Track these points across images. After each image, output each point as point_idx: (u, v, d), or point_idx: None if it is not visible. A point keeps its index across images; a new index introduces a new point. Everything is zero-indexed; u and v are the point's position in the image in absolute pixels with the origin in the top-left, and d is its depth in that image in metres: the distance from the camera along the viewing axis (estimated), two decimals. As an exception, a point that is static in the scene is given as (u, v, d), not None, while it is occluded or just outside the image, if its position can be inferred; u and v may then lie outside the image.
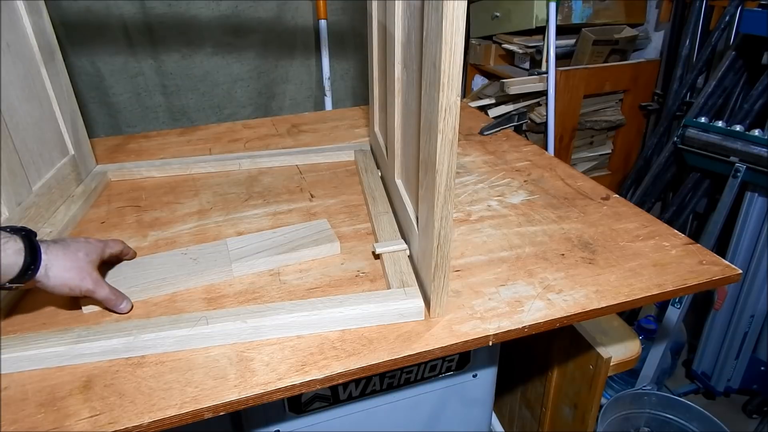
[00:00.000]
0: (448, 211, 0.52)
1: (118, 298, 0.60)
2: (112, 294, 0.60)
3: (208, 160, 1.01)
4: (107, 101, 1.55)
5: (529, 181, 0.91)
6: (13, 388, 0.51)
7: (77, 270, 0.56)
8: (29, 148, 0.77)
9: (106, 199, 0.90)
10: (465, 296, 0.62)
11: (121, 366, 0.54)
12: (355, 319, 0.58)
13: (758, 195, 1.28)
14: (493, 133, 1.14)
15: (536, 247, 0.72)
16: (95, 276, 0.58)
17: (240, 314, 0.57)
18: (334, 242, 0.72)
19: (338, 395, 0.70)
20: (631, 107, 1.86)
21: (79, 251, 0.57)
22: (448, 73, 0.45)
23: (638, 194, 1.65)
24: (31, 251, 0.52)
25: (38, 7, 0.82)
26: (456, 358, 0.74)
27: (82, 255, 0.57)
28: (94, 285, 0.57)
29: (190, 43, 1.56)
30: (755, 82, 1.37)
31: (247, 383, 0.51)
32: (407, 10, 0.61)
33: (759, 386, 1.45)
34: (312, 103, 1.81)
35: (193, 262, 0.68)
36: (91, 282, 0.57)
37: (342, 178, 0.96)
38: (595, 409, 0.85)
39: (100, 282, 0.58)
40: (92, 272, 0.58)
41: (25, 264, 0.51)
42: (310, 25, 1.68)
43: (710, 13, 1.57)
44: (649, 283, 0.64)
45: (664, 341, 1.37)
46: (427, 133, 0.52)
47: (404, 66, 0.67)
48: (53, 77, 0.85)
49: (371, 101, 0.98)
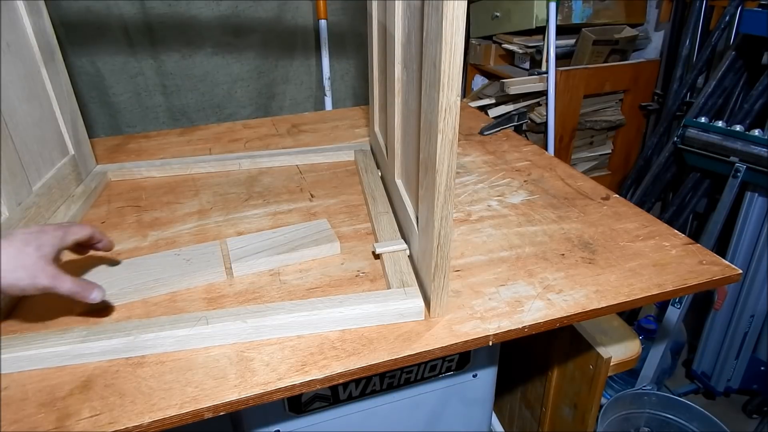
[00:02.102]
0: (448, 211, 0.52)
1: (85, 289, 0.54)
2: (76, 286, 0.53)
3: (208, 160, 1.01)
4: (107, 101, 1.55)
5: (529, 181, 0.91)
6: (13, 388, 0.51)
7: (26, 268, 0.49)
8: (29, 148, 0.77)
9: (106, 199, 0.90)
10: (465, 296, 0.62)
11: (121, 366, 0.54)
12: (355, 319, 0.58)
13: (758, 195, 1.28)
14: (493, 133, 1.14)
15: (536, 247, 0.72)
16: (51, 270, 0.51)
17: (240, 314, 0.57)
18: (334, 242, 0.72)
19: (338, 395, 0.70)
20: (631, 107, 1.86)
21: (27, 245, 0.50)
22: (448, 73, 0.45)
23: (638, 194, 1.65)
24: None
25: (38, 7, 0.82)
26: (456, 358, 0.74)
27: (32, 249, 0.50)
28: (51, 280, 0.51)
29: (190, 43, 1.56)
30: (755, 82, 1.37)
31: (247, 383, 0.51)
32: (407, 10, 0.61)
33: (759, 386, 1.45)
34: (312, 103, 1.81)
35: (187, 263, 0.68)
36: (47, 277, 0.51)
37: (342, 178, 0.96)
38: (595, 409, 0.85)
39: (58, 276, 0.52)
40: (46, 266, 0.51)
41: None
42: (310, 25, 1.68)
43: (710, 13, 1.57)
44: (649, 283, 0.64)
45: (664, 341, 1.37)
46: (427, 133, 0.52)
47: (404, 66, 0.67)
48: (53, 77, 0.85)
49: (371, 101, 0.98)
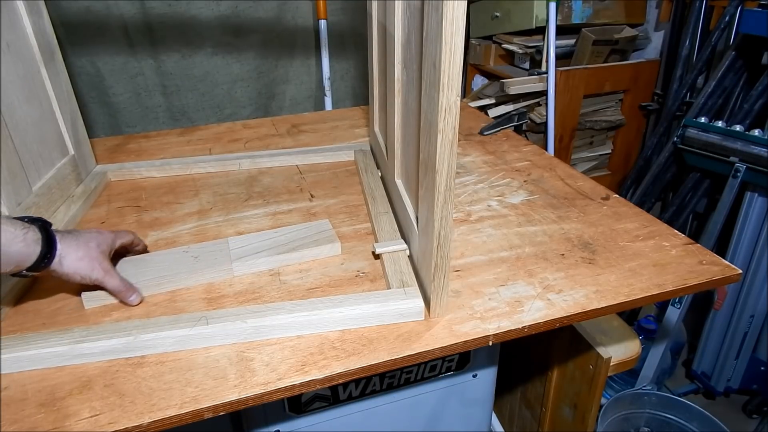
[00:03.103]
0: (448, 211, 0.52)
1: (128, 290, 0.61)
2: (122, 285, 0.61)
3: (208, 160, 1.01)
4: (107, 101, 1.55)
5: (529, 181, 0.91)
6: (13, 388, 0.51)
7: (89, 259, 0.58)
8: (29, 148, 0.77)
9: (106, 199, 0.90)
10: (465, 296, 0.62)
11: (121, 366, 0.54)
12: (355, 319, 0.58)
13: (758, 195, 1.28)
14: (493, 133, 1.14)
15: (536, 247, 0.72)
16: (106, 266, 0.60)
17: (240, 314, 0.57)
18: (334, 243, 0.72)
19: (338, 395, 0.70)
20: (631, 107, 1.86)
21: (90, 241, 0.59)
22: (448, 73, 0.45)
23: (638, 194, 1.65)
24: (48, 241, 0.54)
25: (38, 7, 0.82)
26: (456, 358, 0.74)
27: (94, 245, 0.59)
28: (104, 274, 0.59)
29: (190, 43, 1.56)
30: (755, 82, 1.37)
31: (247, 383, 0.51)
32: (407, 10, 0.61)
33: (759, 386, 1.45)
34: (312, 103, 1.81)
35: (194, 260, 0.68)
36: (102, 272, 0.59)
37: (342, 178, 0.96)
38: (595, 409, 0.85)
39: (110, 272, 0.60)
40: (103, 262, 0.60)
41: (41, 253, 0.53)
42: (310, 25, 1.68)
43: (710, 13, 1.57)
44: (649, 283, 0.64)
45: (664, 341, 1.37)
46: (427, 133, 0.52)
47: (404, 66, 0.67)
48: (53, 77, 0.85)
49: (371, 101, 0.98)
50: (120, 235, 0.65)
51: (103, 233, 0.62)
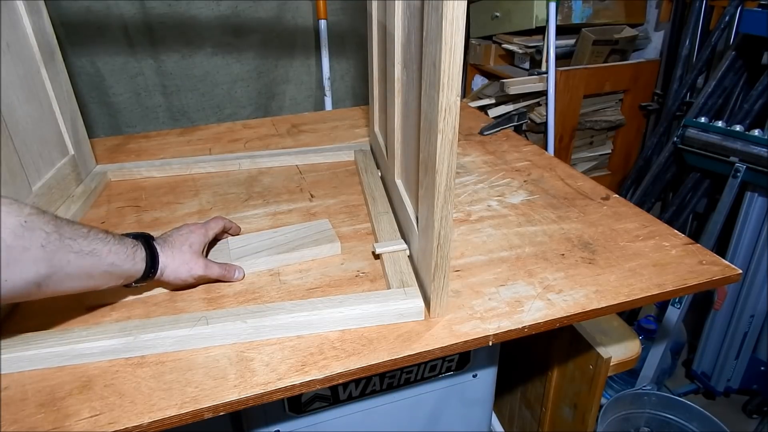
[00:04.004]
0: (448, 211, 0.52)
1: (230, 270, 0.65)
2: (223, 269, 0.65)
3: (208, 160, 1.01)
4: (107, 101, 1.55)
5: (529, 181, 0.91)
6: (13, 388, 0.51)
7: (186, 263, 0.62)
8: (29, 148, 0.77)
9: (106, 199, 0.90)
10: (465, 296, 0.62)
11: (121, 366, 0.54)
12: (355, 319, 0.58)
13: (758, 195, 1.28)
14: (493, 133, 1.14)
15: (536, 247, 0.72)
16: (202, 262, 0.63)
17: (240, 314, 0.57)
18: (334, 242, 0.72)
19: (338, 395, 0.70)
20: (631, 107, 1.86)
21: (183, 245, 0.62)
22: (448, 73, 0.45)
23: (638, 194, 1.65)
24: (152, 256, 0.58)
25: (38, 7, 0.82)
26: (456, 358, 0.74)
27: (187, 248, 0.63)
28: (204, 269, 0.63)
29: (190, 43, 1.56)
30: (755, 82, 1.37)
31: (247, 383, 0.51)
32: (407, 10, 0.61)
33: (759, 386, 1.45)
34: (312, 103, 1.81)
35: None
36: (201, 268, 0.63)
37: (342, 178, 0.96)
38: (595, 409, 0.85)
39: (209, 265, 0.64)
40: (199, 260, 0.63)
41: (146, 268, 0.57)
42: (310, 25, 1.68)
43: (710, 13, 1.57)
44: (649, 283, 0.64)
45: (664, 341, 1.37)
46: (427, 133, 0.52)
47: (404, 66, 0.67)
48: (53, 77, 0.85)
49: (371, 101, 0.98)
50: (211, 226, 0.68)
51: (195, 232, 0.65)
